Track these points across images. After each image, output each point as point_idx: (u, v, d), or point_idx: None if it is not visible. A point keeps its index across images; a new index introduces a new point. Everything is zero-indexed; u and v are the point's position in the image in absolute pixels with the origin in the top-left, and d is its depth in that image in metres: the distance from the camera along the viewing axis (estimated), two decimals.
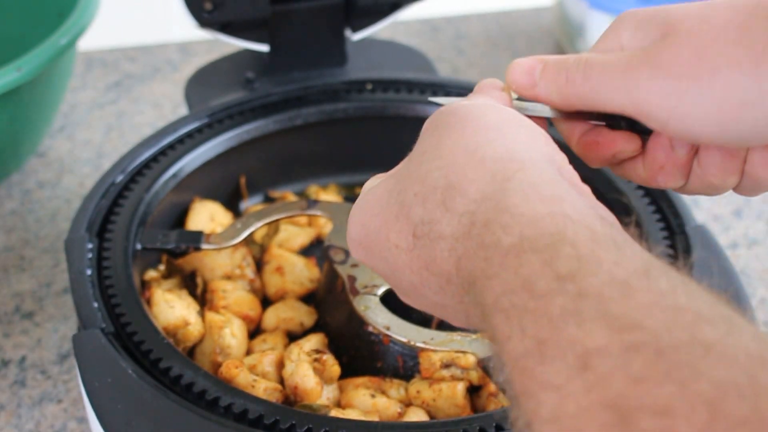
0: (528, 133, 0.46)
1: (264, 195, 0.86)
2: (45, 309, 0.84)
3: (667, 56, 0.47)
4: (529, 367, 0.35)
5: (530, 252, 0.38)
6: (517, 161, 0.43)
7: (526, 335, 0.36)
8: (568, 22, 1.12)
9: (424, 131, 0.49)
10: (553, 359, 0.34)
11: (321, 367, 0.65)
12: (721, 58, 0.46)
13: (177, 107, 1.08)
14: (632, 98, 0.48)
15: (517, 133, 0.46)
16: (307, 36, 0.87)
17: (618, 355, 0.33)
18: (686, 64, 0.47)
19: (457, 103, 0.49)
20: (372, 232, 0.48)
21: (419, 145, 0.48)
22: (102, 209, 0.73)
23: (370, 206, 0.49)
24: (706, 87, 0.47)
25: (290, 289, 0.75)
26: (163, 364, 0.61)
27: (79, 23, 0.89)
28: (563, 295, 0.35)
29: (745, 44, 0.46)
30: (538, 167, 0.43)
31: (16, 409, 0.75)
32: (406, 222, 0.45)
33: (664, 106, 0.47)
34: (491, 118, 0.46)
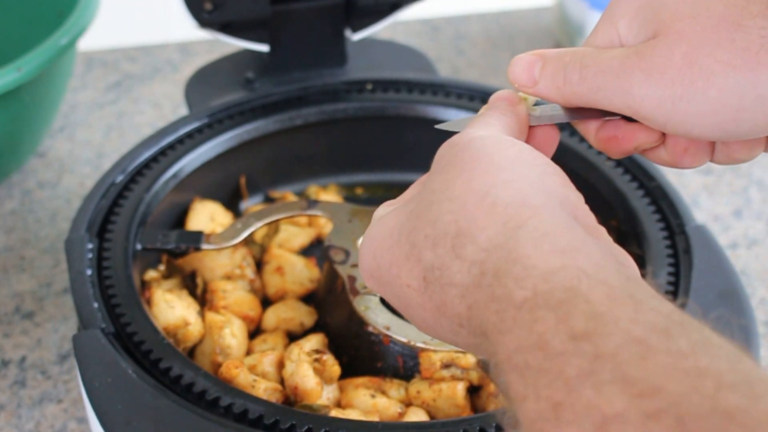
0: (542, 173, 0.44)
1: (264, 195, 0.86)
2: (45, 309, 0.84)
3: (659, 60, 0.46)
4: (545, 430, 0.34)
5: (544, 308, 0.37)
6: (530, 207, 0.41)
7: (541, 397, 0.35)
8: (568, 22, 1.12)
9: (436, 164, 0.47)
10: (569, 425, 0.33)
11: (321, 367, 0.65)
12: (715, 63, 0.45)
13: (177, 107, 1.08)
14: (628, 102, 0.48)
15: (530, 173, 0.44)
16: (307, 36, 0.87)
17: (637, 423, 0.32)
18: (679, 69, 0.46)
19: (470, 134, 0.47)
20: (383, 266, 0.47)
21: (431, 182, 0.46)
22: (102, 209, 0.73)
23: (380, 239, 0.47)
24: (700, 93, 0.46)
25: (290, 289, 0.75)
26: (163, 365, 0.61)
27: (79, 23, 0.89)
28: (579, 357, 0.35)
29: (739, 45, 0.45)
30: (552, 213, 0.41)
31: (16, 410, 0.75)
32: (417, 264, 0.44)
33: (659, 110, 0.47)
34: (505, 155, 0.45)
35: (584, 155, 0.78)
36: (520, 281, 0.38)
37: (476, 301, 0.40)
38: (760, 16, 0.45)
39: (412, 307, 0.46)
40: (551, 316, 0.36)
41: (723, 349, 0.34)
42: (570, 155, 0.78)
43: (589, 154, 0.78)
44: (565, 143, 0.79)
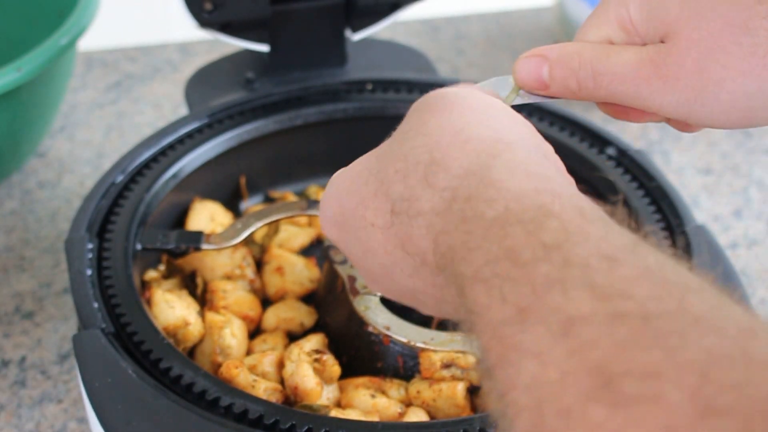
0: (513, 120, 0.46)
1: (264, 195, 0.86)
2: (45, 309, 0.84)
3: (673, 68, 0.48)
4: (508, 335, 0.34)
5: (515, 224, 0.37)
6: (504, 142, 0.43)
7: (506, 303, 0.35)
8: (568, 22, 1.12)
9: (410, 113, 0.48)
10: (534, 326, 0.33)
11: (321, 367, 0.65)
12: (723, 69, 0.47)
13: (177, 107, 1.08)
14: (647, 105, 0.50)
15: (503, 117, 0.46)
16: (307, 36, 0.87)
17: (602, 323, 0.32)
18: (691, 76, 0.47)
19: (444, 88, 0.49)
20: (347, 210, 0.47)
21: (403, 125, 0.47)
22: (102, 209, 0.73)
23: (347, 184, 0.48)
24: (712, 97, 0.47)
25: (290, 289, 0.75)
26: (164, 365, 0.61)
27: (79, 23, 0.89)
28: (548, 264, 0.35)
29: (746, 50, 0.46)
30: (526, 149, 0.42)
31: (16, 410, 0.75)
32: (385, 199, 0.45)
33: (679, 112, 0.49)
34: (479, 102, 0.46)
35: (584, 155, 0.78)
36: (492, 202, 0.39)
37: (445, 226, 0.41)
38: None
39: (371, 252, 0.46)
40: (521, 230, 0.37)
41: (689, 271, 0.35)
42: (570, 155, 0.78)
43: (589, 154, 0.78)
44: (565, 143, 0.79)
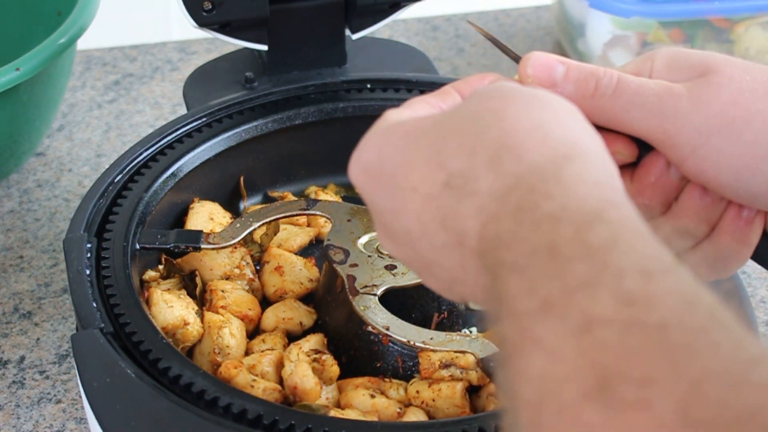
0: (589, 130, 0.45)
1: (263, 195, 0.86)
2: (44, 309, 0.84)
3: (708, 94, 0.48)
4: (527, 327, 0.35)
5: (567, 222, 0.37)
6: (580, 148, 0.41)
7: (534, 296, 0.35)
8: (568, 21, 1.12)
9: (475, 98, 0.46)
10: (554, 321, 0.34)
11: (320, 367, 0.65)
12: (758, 112, 0.48)
13: (176, 107, 1.08)
14: (663, 125, 0.48)
15: (580, 125, 0.44)
16: (307, 35, 0.87)
17: (619, 328, 0.32)
18: (724, 106, 0.48)
19: (511, 83, 0.47)
20: (388, 164, 0.46)
21: (469, 106, 0.45)
22: (101, 209, 0.73)
23: (395, 138, 0.46)
24: (736, 132, 0.48)
25: (289, 289, 0.74)
26: (162, 364, 0.61)
27: (79, 23, 0.89)
28: (585, 264, 0.35)
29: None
30: (599, 160, 0.42)
31: (14, 410, 0.75)
32: (438, 169, 0.43)
33: (691, 140, 0.48)
34: (559, 104, 0.45)
35: None
36: (551, 199, 0.38)
37: (497, 212, 0.40)
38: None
39: (401, 213, 0.45)
40: (570, 228, 0.37)
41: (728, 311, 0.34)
42: None
43: None
44: None
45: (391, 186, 0.46)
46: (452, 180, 0.43)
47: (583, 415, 0.31)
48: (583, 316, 0.33)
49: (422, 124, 0.46)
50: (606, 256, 0.35)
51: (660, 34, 1.05)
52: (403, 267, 0.68)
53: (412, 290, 0.68)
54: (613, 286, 0.34)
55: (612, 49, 1.06)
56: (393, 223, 0.46)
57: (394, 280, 0.67)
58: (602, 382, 0.31)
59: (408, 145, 0.45)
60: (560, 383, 0.32)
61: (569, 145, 0.41)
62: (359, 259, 0.69)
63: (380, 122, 0.49)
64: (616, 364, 0.31)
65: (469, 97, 0.47)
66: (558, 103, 0.45)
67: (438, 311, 0.70)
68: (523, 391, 0.34)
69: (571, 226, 0.37)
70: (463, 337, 0.64)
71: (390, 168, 0.46)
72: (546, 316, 0.34)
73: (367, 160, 0.47)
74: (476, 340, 0.64)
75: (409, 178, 0.44)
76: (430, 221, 0.44)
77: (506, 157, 0.41)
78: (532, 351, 0.34)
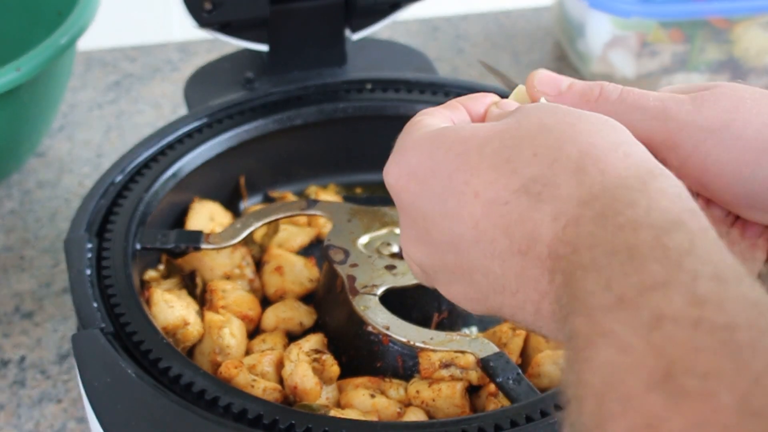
0: None
1: (264, 195, 0.86)
2: (44, 309, 0.84)
3: (710, 101, 0.50)
4: (600, 321, 0.36)
5: (648, 227, 0.38)
6: (660, 168, 0.43)
7: (610, 291, 0.37)
8: (568, 22, 1.12)
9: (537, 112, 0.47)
10: (627, 316, 0.35)
11: (320, 367, 0.65)
12: (758, 115, 0.49)
13: (176, 107, 1.08)
14: (665, 125, 0.50)
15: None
16: (307, 36, 0.87)
17: (689, 325, 0.34)
18: (725, 110, 0.49)
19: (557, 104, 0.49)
20: (443, 168, 0.46)
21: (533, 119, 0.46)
22: (101, 209, 0.73)
23: (449, 143, 0.46)
24: (737, 131, 0.49)
25: (290, 288, 0.75)
26: (163, 364, 0.61)
27: (79, 23, 0.89)
28: (661, 265, 0.36)
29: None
30: (677, 180, 0.43)
31: (15, 409, 0.75)
32: (510, 176, 0.44)
33: (693, 137, 0.49)
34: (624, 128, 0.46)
35: None
36: (636, 206, 0.39)
37: (578, 217, 0.41)
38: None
39: (455, 218, 0.45)
40: (651, 233, 0.38)
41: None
42: None
43: None
44: None
45: (445, 190, 0.46)
46: (530, 186, 0.43)
47: (646, 402, 0.33)
48: (655, 312, 0.35)
49: (480, 133, 0.46)
50: (682, 260, 0.37)
51: (660, 34, 1.05)
52: (403, 267, 0.68)
53: (412, 290, 0.68)
54: (686, 288, 0.35)
55: (612, 49, 1.06)
56: (438, 229, 0.46)
57: (394, 280, 0.67)
58: (667, 373, 0.33)
59: (469, 151, 0.45)
60: (627, 372, 0.34)
61: (650, 163, 0.43)
62: (359, 259, 0.69)
63: (418, 127, 0.49)
64: (682, 358, 0.33)
65: (520, 112, 0.47)
66: (625, 128, 0.46)
67: (438, 311, 0.70)
68: (589, 380, 0.35)
69: (651, 230, 0.38)
70: (463, 337, 0.64)
71: (444, 172, 0.46)
72: (619, 311, 0.36)
73: (416, 163, 0.47)
74: (476, 340, 0.64)
75: (471, 183, 0.45)
76: (490, 227, 0.44)
77: (590, 168, 0.42)
78: (603, 342, 0.35)
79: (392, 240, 0.71)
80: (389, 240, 0.71)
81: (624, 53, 1.06)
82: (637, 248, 0.38)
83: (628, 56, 1.06)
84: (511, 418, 0.58)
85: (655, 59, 1.07)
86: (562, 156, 0.43)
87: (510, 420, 0.58)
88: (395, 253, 0.70)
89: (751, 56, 1.08)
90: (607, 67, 1.07)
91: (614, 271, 0.37)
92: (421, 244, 0.48)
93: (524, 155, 0.44)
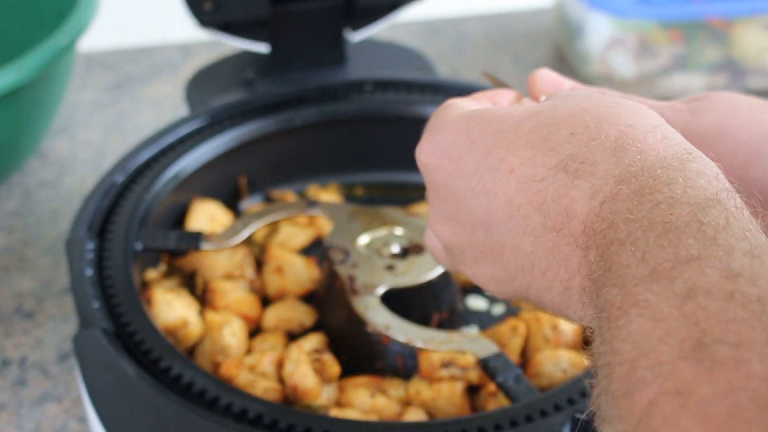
0: None
1: (264, 195, 0.86)
2: (45, 309, 0.84)
3: (706, 108, 0.51)
4: (634, 292, 0.37)
5: (685, 204, 0.39)
6: (697, 151, 0.43)
7: (645, 264, 0.37)
8: (568, 24, 1.13)
9: (573, 97, 0.48)
10: (661, 287, 0.36)
11: (320, 366, 0.65)
12: (753, 118, 0.51)
13: (177, 108, 1.08)
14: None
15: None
16: (307, 36, 0.87)
17: (722, 297, 0.35)
18: (720, 115, 0.51)
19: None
20: (478, 146, 0.47)
21: (569, 102, 0.47)
22: (102, 209, 0.73)
23: (485, 122, 0.47)
24: (731, 133, 0.50)
25: (290, 289, 0.75)
26: (163, 364, 0.62)
27: (80, 23, 0.89)
28: (696, 240, 0.37)
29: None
30: (714, 164, 0.44)
31: (16, 409, 0.75)
32: (547, 153, 0.44)
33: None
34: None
35: None
36: (674, 185, 0.40)
37: (616, 194, 0.41)
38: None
39: (488, 195, 0.46)
40: (688, 209, 0.39)
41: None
42: None
43: None
44: None
45: (480, 167, 0.46)
46: (568, 163, 0.44)
47: (677, 369, 0.33)
48: (689, 284, 0.36)
49: (517, 113, 0.47)
50: (718, 236, 0.37)
51: (659, 35, 1.05)
52: (403, 267, 0.69)
53: (412, 290, 0.68)
54: (721, 262, 0.36)
55: (611, 50, 1.06)
56: (470, 206, 0.47)
57: (394, 280, 0.68)
58: (699, 342, 0.33)
59: (505, 129, 0.46)
60: (659, 340, 0.34)
61: (687, 145, 0.44)
62: (359, 259, 0.69)
63: (451, 109, 0.50)
64: (715, 328, 0.34)
65: (556, 96, 0.48)
66: (657, 114, 0.47)
67: (438, 311, 0.70)
68: (621, 348, 0.36)
69: (688, 207, 0.39)
70: (463, 337, 0.64)
71: (480, 150, 0.47)
72: (653, 282, 0.36)
73: (450, 141, 0.48)
74: (476, 340, 0.64)
75: (506, 160, 0.45)
76: (525, 203, 0.45)
77: (629, 148, 0.43)
78: (636, 312, 0.36)
79: (392, 240, 0.71)
80: (389, 240, 0.71)
81: (623, 54, 1.06)
82: (673, 223, 0.38)
83: (627, 57, 1.06)
84: (511, 418, 0.58)
85: (654, 60, 1.07)
86: (601, 135, 0.44)
87: (510, 420, 0.58)
88: (395, 253, 0.70)
89: (749, 57, 1.08)
90: (606, 68, 1.07)
91: (650, 245, 0.38)
92: (451, 223, 0.49)
93: (561, 134, 0.45)
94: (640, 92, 1.06)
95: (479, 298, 0.76)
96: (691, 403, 0.32)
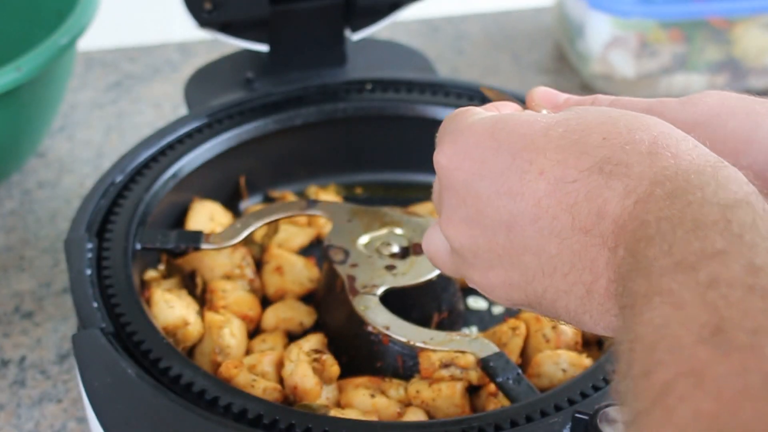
0: None
1: (264, 195, 0.86)
2: (45, 309, 0.84)
3: (695, 100, 0.52)
4: (659, 282, 0.38)
5: (715, 204, 0.40)
6: (725, 162, 0.44)
7: (671, 257, 0.38)
8: (568, 23, 1.12)
9: (597, 108, 0.49)
10: (684, 276, 0.37)
11: (320, 367, 0.65)
12: (742, 108, 0.51)
13: (177, 107, 1.08)
14: None
15: None
16: (307, 36, 0.87)
17: (743, 289, 0.36)
18: (709, 106, 0.52)
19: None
20: (505, 147, 0.47)
21: (598, 111, 0.48)
22: (102, 209, 0.73)
23: (513, 125, 0.48)
24: (722, 122, 0.51)
25: (290, 288, 0.75)
26: (163, 364, 0.61)
27: (79, 23, 0.89)
28: (722, 236, 0.38)
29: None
30: (742, 173, 0.45)
31: (15, 409, 0.75)
32: (580, 156, 0.45)
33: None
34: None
35: None
36: (706, 188, 0.41)
37: (648, 196, 0.42)
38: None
39: (514, 195, 0.46)
40: (717, 209, 0.40)
41: None
42: None
43: None
44: None
45: (507, 169, 0.47)
46: (603, 165, 0.44)
47: (695, 352, 0.35)
48: (712, 275, 0.37)
49: (542, 119, 0.48)
50: (744, 233, 0.38)
51: (659, 34, 1.05)
52: (403, 267, 0.69)
53: (412, 290, 0.68)
54: (744, 257, 0.37)
55: (611, 49, 1.06)
56: (493, 207, 0.47)
57: (394, 280, 0.68)
58: (718, 328, 0.35)
59: (534, 133, 0.47)
60: (679, 325, 0.36)
61: (717, 156, 0.44)
62: (359, 259, 0.69)
63: (470, 114, 0.50)
64: (734, 316, 0.35)
65: (576, 107, 0.49)
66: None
67: (438, 311, 0.70)
68: (642, 332, 0.37)
69: (717, 207, 0.40)
70: (463, 337, 0.64)
71: (507, 152, 0.47)
72: (678, 273, 0.38)
73: (473, 143, 0.48)
74: (476, 340, 0.64)
75: (536, 162, 0.46)
76: (554, 204, 0.45)
77: (663, 152, 0.44)
78: (659, 300, 0.37)
79: (392, 240, 0.71)
80: (389, 240, 0.71)
81: (624, 53, 1.06)
82: (701, 221, 0.39)
83: (627, 56, 1.06)
84: (511, 418, 0.58)
85: (655, 59, 1.07)
86: (634, 140, 0.45)
87: (510, 420, 0.58)
88: (395, 253, 0.70)
89: (750, 56, 1.08)
90: (606, 67, 1.07)
91: (677, 239, 0.39)
92: (468, 225, 0.49)
93: (593, 138, 0.45)
94: (641, 92, 1.06)
95: (479, 298, 0.76)
96: (705, 381, 0.34)
